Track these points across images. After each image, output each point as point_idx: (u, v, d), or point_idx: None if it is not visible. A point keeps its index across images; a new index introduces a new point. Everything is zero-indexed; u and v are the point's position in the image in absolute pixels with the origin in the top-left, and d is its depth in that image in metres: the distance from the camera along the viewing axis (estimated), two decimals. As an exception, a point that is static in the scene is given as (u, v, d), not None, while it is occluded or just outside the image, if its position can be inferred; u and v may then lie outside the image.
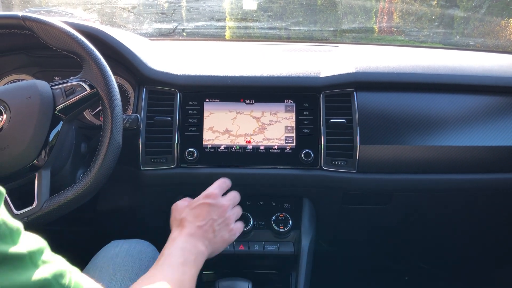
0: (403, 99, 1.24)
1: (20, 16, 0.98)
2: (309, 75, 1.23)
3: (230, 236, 1.00)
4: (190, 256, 0.87)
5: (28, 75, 1.29)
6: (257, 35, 2.30)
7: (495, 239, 1.57)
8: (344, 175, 1.19)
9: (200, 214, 0.96)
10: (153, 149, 1.18)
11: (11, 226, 0.48)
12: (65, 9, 2.57)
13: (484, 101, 1.27)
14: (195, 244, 0.90)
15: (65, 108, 0.95)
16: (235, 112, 1.22)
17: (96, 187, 0.95)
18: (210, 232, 0.95)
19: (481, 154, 1.22)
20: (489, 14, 2.83)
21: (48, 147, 0.93)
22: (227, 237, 0.99)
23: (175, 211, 1.00)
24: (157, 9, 2.37)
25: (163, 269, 0.81)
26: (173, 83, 1.21)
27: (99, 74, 0.96)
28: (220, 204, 1.00)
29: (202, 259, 0.91)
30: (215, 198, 1.00)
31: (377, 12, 3.00)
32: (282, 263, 1.28)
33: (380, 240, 1.58)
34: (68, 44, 0.98)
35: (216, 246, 0.96)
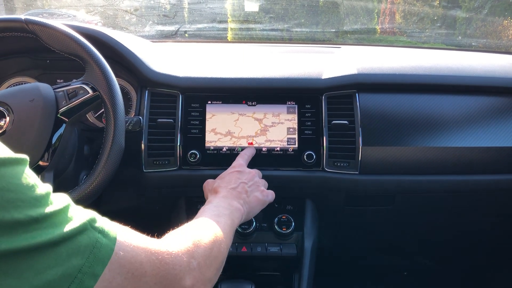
0: (405, 100, 1.24)
1: (23, 20, 0.98)
2: (311, 77, 1.23)
3: (264, 197, 1.03)
4: (224, 210, 0.89)
5: (31, 78, 1.29)
6: (259, 37, 2.31)
7: (499, 239, 1.57)
8: (346, 176, 1.19)
9: (231, 180, 1.01)
10: (156, 151, 1.19)
11: (44, 188, 0.52)
12: (67, 12, 2.58)
13: (487, 101, 1.27)
14: (230, 202, 0.93)
15: (68, 111, 0.96)
16: (237, 114, 1.22)
17: (99, 189, 0.95)
18: (243, 193, 0.99)
19: (484, 155, 1.22)
20: (491, 14, 2.83)
21: (51, 149, 0.93)
22: (261, 197, 1.02)
23: (207, 185, 1.05)
24: (159, 11, 2.37)
25: (197, 220, 0.83)
26: (175, 85, 1.21)
27: (102, 77, 0.97)
28: (248, 171, 1.06)
29: (239, 215, 0.92)
30: (241, 167, 1.07)
31: (379, 13, 3.00)
32: (285, 265, 1.28)
33: (383, 241, 1.57)
34: (70, 47, 0.98)
35: (251, 205, 0.99)
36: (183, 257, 0.65)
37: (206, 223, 0.82)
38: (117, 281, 0.55)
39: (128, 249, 0.58)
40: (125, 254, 0.57)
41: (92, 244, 0.53)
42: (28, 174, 0.51)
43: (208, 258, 0.72)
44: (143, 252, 0.60)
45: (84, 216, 0.55)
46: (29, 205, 0.48)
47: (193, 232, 0.74)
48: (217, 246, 0.76)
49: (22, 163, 0.52)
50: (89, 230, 0.54)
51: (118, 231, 0.59)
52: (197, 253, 0.69)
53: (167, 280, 0.62)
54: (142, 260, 0.59)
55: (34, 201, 0.49)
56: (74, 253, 0.51)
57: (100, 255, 0.54)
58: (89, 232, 0.54)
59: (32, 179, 0.51)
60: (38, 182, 0.52)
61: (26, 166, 0.52)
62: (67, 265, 0.50)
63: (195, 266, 0.67)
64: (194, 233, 0.74)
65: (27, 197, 0.49)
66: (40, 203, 0.50)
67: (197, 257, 0.69)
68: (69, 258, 0.50)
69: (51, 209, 0.51)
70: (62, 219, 0.52)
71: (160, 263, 0.62)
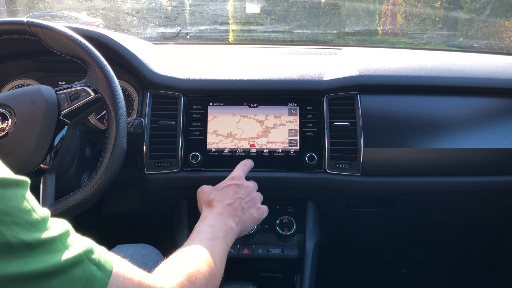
0: (407, 102, 1.24)
1: (25, 22, 0.98)
2: (313, 78, 1.23)
3: (259, 215, 1.01)
4: (219, 232, 0.87)
5: (33, 80, 1.29)
6: (260, 39, 2.31)
7: (499, 239, 1.56)
8: (348, 178, 1.19)
9: (228, 194, 0.98)
10: (157, 153, 1.19)
11: (41, 213, 0.51)
12: (69, 14, 2.59)
13: (489, 103, 1.27)
14: (224, 221, 0.91)
15: (70, 113, 0.96)
16: (239, 115, 1.22)
17: (101, 191, 0.95)
18: (239, 210, 0.96)
19: (486, 156, 1.22)
20: (493, 15, 2.82)
21: (53, 151, 0.93)
22: (256, 215, 1.00)
23: (202, 194, 1.01)
24: (161, 14, 2.38)
25: (193, 245, 0.81)
26: (177, 87, 1.21)
27: (104, 79, 0.97)
28: (246, 185, 1.03)
29: (233, 235, 0.91)
30: (240, 179, 1.03)
31: (380, 14, 3.00)
32: (287, 267, 1.27)
33: (385, 242, 1.57)
34: (72, 49, 0.99)
35: (246, 223, 0.98)
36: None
37: (201, 251, 0.79)
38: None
39: (122, 284, 0.57)
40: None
41: (86, 277, 0.52)
42: (27, 198, 0.50)
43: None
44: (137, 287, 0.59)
45: (81, 246, 0.54)
46: (24, 229, 0.47)
47: (188, 266, 0.72)
48: (211, 279, 0.75)
49: (22, 186, 0.51)
50: (84, 262, 0.53)
51: (114, 263, 0.58)
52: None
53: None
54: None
55: (29, 226, 0.48)
56: (67, 286, 0.50)
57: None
58: (85, 264, 0.53)
59: (31, 203, 0.51)
60: (36, 206, 0.51)
61: (27, 190, 0.51)
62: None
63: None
64: (189, 267, 0.72)
65: (22, 221, 0.48)
66: (36, 228, 0.49)
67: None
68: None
69: (46, 236, 0.50)
70: (57, 247, 0.51)
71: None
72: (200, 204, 1.01)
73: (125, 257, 1.04)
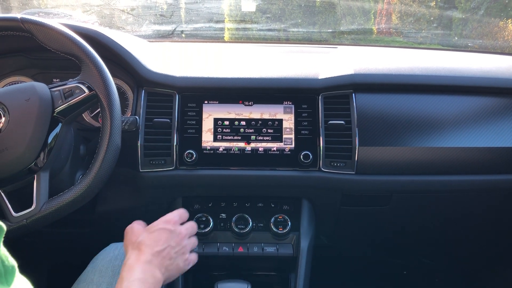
0: (401, 101, 1.24)
1: (18, 19, 0.98)
2: (308, 77, 1.23)
3: (185, 266, 0.98)
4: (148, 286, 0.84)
5: (27, 77, 1.28)
6: (255, 37, 2.30)
7: (494, 238, 1.57)
8: (343, 176, 1.19)
9: (159, 239, 0.93)
10: (152, 151, 1.18)
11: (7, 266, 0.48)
12: (64, 11, 2.58)
13: (482, 102, 1.27)
14: (153, 273, 0.87)
15: (64, 110, 0.95)
16: (234, 114, 1.22)
17: (95, 189, 0.95)
18: (167, 259, 0.92)
19: (480, 155, 1.22)
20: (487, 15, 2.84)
21: (47, 149, 0.93)
22: (182, 266, 0.97)
23: (131, 234, 0.95)
24: (156, 11, 2.37)
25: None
26: (172, 85, 1.21)
27: (98, 76, 0.96)
28: (179, 231, 0.98)
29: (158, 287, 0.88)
30: (174, 225, 0.98)
31: (375, 13, 3.00)
32: (281, 265, 1.28)
33: (380, 241, 1.58)
34: (66, 46, 0.98)
35: (170, 273, 0.94)
36: None
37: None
38: None
39: None
40: None
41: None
42: None
43: None
44: None
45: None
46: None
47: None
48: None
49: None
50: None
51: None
52: None
53: None
54: None
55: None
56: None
57: None
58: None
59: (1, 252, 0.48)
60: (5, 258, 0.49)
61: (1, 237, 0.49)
62: None
63: None
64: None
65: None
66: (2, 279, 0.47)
67: None
68: None
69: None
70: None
71: None
72: (126, 245, 0.94)
73: (119, 255, 1.05)
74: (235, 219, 1.22)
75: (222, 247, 1.21)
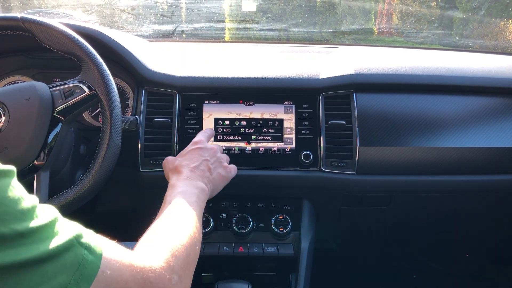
0: (402, 101, 1.24)
1: (19, 18, 0.97)
2: (309, 77, 1.23)
3: (227, 173, 1.02)
4: (191, 197, 0.87)
5: (27, 77, 1.28)
6: (256, 37, 2.30)
7: (495, 239, 1.57)
8: (343, 176, 1.19)
9: (193, 157, 0.98)
10: (152, 151, 1.18)
11: (30, 201, 0.51)
12: (64, 11, 2.57)
13: (483, 102, 1.27)
14: (195, 185, 0.91)
15: (64, 110, 0.95)
16: (235, 113, 1.21)
17: (95, 189, 0.95)
18: (207, 171, 0.97)
19: (480, 155, 1.22)
20: (488, 15, 2.83)
21: (47, 148, 0.93)
22: (224, 174, 1.01)
23: (167, 163, 1.01)
24: (157, 11, 2.37)
25: (169, 216, 0.82)
26: (172, 85, 1.21)
27: (98, 76, 0.96)
28: (210, 147, 1.03)
29: (204, 197, 0.91)
30: (202, 143, 1.03)
31: (376, 13, 3.00)
32: (282, 265, 1.27)
33: (380, 241, 1.57)
34: (67, 45, 0.98)
35: (215, 183, 0.98)
36: (165, 274, 0.66)
37: (179, 221, 0.80)
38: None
39: (114, 267, 0.58)
40: (111, 273, 0.57)
41: (78, 261, 0.53)
42: (15, 187, 0.51)
43: (187, 267, 0.73)
44: (128, 270, 0.60)
45: (71, 231, 0.54)
46: (15, 219, 0.48)
47: (171, 240, 0.73)
48: (193, 250, 0.76)
49: (9, 175, 0.51)
50: (75, 247, 0.53)
51: (104, 247, 0.58)
52: (177, 266, 0.69)
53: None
54: (128, 279, 0.59)
55: (21, 215, 0.49)
56: (60, 271, 0.50)
57: (86, 273, 0.53)
58: (76, 249, 0.53)
59: (19, 192, 0.51)
60: (24, 194, 0.52)
61: (13, 178, 0.52)
62: (53, 283, 0.49)
63: (177, 280, 0.67)
64: (172, 241, 0.73)
65: (13, 210, 0.48)
66: (26, 216, 0.49)
67: (178, 270, 0.69)
68: (54, 275, 0.50)
69: (37, 223, 0.50)
70: (48, 234, 0.51)
71: (145, 282, 0.61)
72: (167, 173, 1.00)
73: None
74: (235, 219, 1.21)
75: (222, 247, 1.20)
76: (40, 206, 0.53)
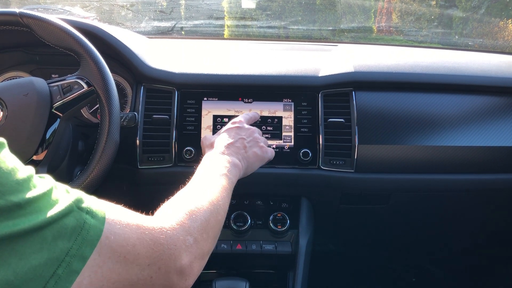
0: (401, 99, 1.24)
1: (17, 13, 0.97)
2: (308, 74, 1.23)
3: (263, 153, 1.00)
4: (221, 169, 0.86)
5: (25, 73, 1.28)
6: (255, 34, 2.30)
7: (494, 238, 1.57)
8: (342, 174, 1.19)
9: (229, 134, 0.98)
10: (151, 148, 1.18)
11: (25, 172, 0.50)
12: (63, 7, 2.57)
13: (482, 101, 1.27)
14: (227, 159, 0.90)
15: (62, 106, 0.95)
16: (234, 111, 1.21)
17: (93, 185, 0.94)
18: (241, 148, 0.96)
19: (479, 154, 1.22)
20: (487, 14, 2.83)
21: (45, 144, 0.92)
22: (260, 153, 0.99)
23: (205, 140, 1.02)
24: (156, 7, 2.36)
25: (194, 183, 0.81)
26: (171, 82, 1.20)
27: (97, 72, 0.96)
28: (247, 127, 1.02)
29: (236, 172, 0.89)
30: (241, 123, 1.02)
31: (376, 12, 3.00)
32: (280, 263, 1.27)
33: (379, 240, 1.57)
34: (65, 41, 0.98)
35: (250, 160, 0.96)
36: (178, 235, 0.62)
37: (202, 188, 0.78)
38: (108, 266, 0.53)
39: (118, 231, 0.55)
40: (115, 238, 0.54)
41: (80, 226, 0.51)
42: (7, 157, 0.50)
43: (205, 231, 0.69)
44: (135, 232, 0.57)
45: (70, 197, 0.53)
46: (11, 189, 0.47)
47: (189, 203, 0.71)
48: (214, 216, 0.73)
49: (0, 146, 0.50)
50: (75, 212, 0.52)
51: (107, 210, 0.56)
52: (193, 228, 0.66)
53: (162, 261, 0.59)
54: (135, 242, 0.57)
55: (16, 185, 0.48)
56: (61, 236, 0.49)
57: (88, 237, 0.52)
58: (76, 214, 0.52)
59: (12, 162, 0.50)
60: (19, 165, 0.50)
61: (5, 148, 0.51)
62: (54, 249, 0.48)
63: (192, 242, 0.64)
64: (190, 204, 0.70)
65: (8, 181, 0.47)
66: (22, 187, 0.48)
67: (193, 232, 0.65)
68: (55, 241, 0.48)
69: (34, 193, 0.49)
70: (46, 203, 0.50)
71: (154, 244, 0.59)
72: (204, 149, 1.01)
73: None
74: (233, 217, 1.21)
75: (220, 245, 1.20)
76: (36, 176, 0.52)
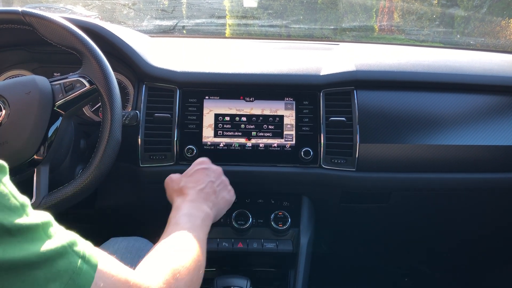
0: (403, 98, 1.24)
1: (20, 12, 0.97)
2: (309, 73, 1.23)
3: (231, 197, 1.02)
4: (196, 220, 0.87)
5: (28, 71, 1.28)
6: (257, 33, 2.30)
7: (494, 237, 1.57)
8: (343, 173, 1.19)
9: (199, 179, 0.97)
10: (152, 146, 1.18)
11: (20, 199, 0.49)
12: (65, 6, 2.57)
13: (484, 100, 1.27)
14: (199, 208, 0.90)
15: (65, 104, 0.95)
16: (235, 109, 1.21)
17: (95, 184, 0.95)
18: (212, 194, 0.96)
19: (480, 153, 1.22)
20: (489, 13, 2.83)
21: (47, 143, 0.93)
22: (228, 198, 1.01)
23: (172, 183, 1.00)
24: (158, 6, 2.37)
25: (173, 238, 0.80)
26: (173, 80, 1.21)
27: (99, 70, 0.96)
28: (215, 168, 1.03)
29: (209, 222, 0.91)
30: (207, 163, 1.03)
31: (377, 11, 3.00)
32: (281, 261, 1.28)
33: (379, 239, 1.58)
34: (67, 39, 0.98)
35: (220, 207, 0.97)
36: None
37: (183, 245, 0.78)
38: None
39: (108, 281, 0.55)
40: (104, 286, 0.54)
41: (72, 270, 0.50)
42: (5, 183, 0.49)
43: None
44: (123, 285, 0.57)
45: (65, 238, 0.52)
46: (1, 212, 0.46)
47: (172, 262, 0.71)
48: (196, 272, 0.74)
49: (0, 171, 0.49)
50: (69, 254, 0.51)
51: (99, 258, 0.56)
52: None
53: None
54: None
55: (7, 209, 0.46)
56: (52, 278, 0.48)
57: (80, 282, 0.51)
58: (70, 256, 0.51)
59: (9, 188, 0.49)
60: (16, 193, 0.50)
61: (5, 175, 0.50)
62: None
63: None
64: (173, 263, 0.70)
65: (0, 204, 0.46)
66: (14, 213, 0.47)
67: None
68: (47, 283, 0.48)
69: (26, 222, 0.47)
70: (39, 236, 0.49)
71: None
72: (171, 194, 0.99)
73: (119, 249, 1.05)
74: (235, 215, 1.21)
75: (221, 243, 1.21)
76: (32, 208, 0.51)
